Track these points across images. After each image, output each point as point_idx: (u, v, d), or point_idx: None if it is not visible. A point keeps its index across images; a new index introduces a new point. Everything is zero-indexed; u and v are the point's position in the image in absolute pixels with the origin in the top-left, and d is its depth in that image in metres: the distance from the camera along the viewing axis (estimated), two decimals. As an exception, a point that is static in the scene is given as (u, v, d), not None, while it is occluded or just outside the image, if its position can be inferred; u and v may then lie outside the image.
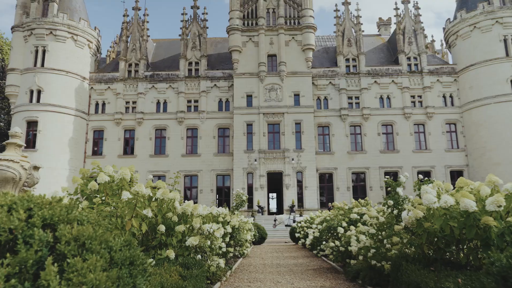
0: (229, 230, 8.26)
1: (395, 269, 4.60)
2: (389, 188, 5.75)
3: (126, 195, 3.95)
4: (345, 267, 8.43)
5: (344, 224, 8.71)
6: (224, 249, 7.90)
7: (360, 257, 6.61)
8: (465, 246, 3.89)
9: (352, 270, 7.37)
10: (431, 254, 4.30)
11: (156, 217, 4.64)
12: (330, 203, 34.21)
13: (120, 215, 3.87)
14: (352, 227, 8.02)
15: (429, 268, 4.12)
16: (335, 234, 9.32)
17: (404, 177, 5.53)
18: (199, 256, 5.14)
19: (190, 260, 4.62)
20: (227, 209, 10.11)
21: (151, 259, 4.13)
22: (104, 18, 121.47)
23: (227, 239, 8.47)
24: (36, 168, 4.09)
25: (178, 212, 5.03)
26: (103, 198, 4.05)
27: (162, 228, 4.71)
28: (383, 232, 5.72)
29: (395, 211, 5.39)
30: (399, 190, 5.47)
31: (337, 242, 8.72)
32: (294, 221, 24.39)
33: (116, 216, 3.85)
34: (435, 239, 3.97)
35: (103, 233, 1.75)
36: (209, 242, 5.34)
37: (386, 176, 6.29)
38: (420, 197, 4.28)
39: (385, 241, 5.51)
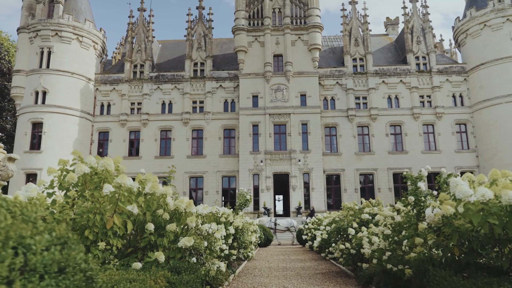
0: (232, 231, 7.76)
1: (419, 275, 4.03)
2: (408, 183, 5.21)
3: (108, 188, 3.47)
4: (356, 271, 7.89)
5: (355, 225, 8.18)
6: (226, 252, 7.42)
7: (374, 261, 6.08)
8: (506, 248, 3.35)
9: (364, 275, 6.83)
10: (461, 257, 3.75)
11: (144, 214, 4.15)
12: (312, 205, 33.25)
13: (99, 212, 3.41)
14: (363, 228, 7.49)
15: (462, 274, 3.57)
16: (345, 235, 8.79)
17: (425, 170, 5.00)
18: (194, 259, 4.63)
19: (181, 263, 4.07)
20: (231, 209, 9.61)
21: (138, 263, 3.65)
22: (110, 22, 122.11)
23: (230, 241, 7.98)
24: (11, 159, 3.66)
25: (170, 209, 4.52)
26: (85, 192, 3.59)
27: (150, 226, 4.17)
28: (402, 232, 5.18)
29: (416, 209, 4.84)
30: (421, 184, 4.92)
31: (348, 244, 8.18)
32: (275, 224, 23.93)
33: (95, 212, 3.38)
34: (468, 240, 3.43)
35: (13, 224, 1.24)
36: (206, 243, 4.81)
37: (405, 170, 5.70)
38: (445, 192, 3.76)
39: (404, 242, 4.96)
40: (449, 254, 3.78)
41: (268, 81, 37.27)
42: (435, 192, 4.88)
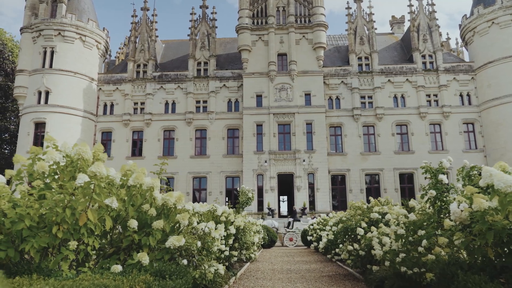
0: (233, 231, 7.32)
1: (444, 280, 3.53)
2: (427, 176, 4.73)
3: (82, 178, 3.03)
4: (366, 274, 7.42)
5: (364, 224, 7.71)
6: (226, 253, 6.98)
7: (387, 263, 5.62)
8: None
9: (375, 278, 6.35)
10: (495, 260, 3.26)
11: (127, 209, 3.68)
12: (294, 207, 32.09)
13: (70, 205, 2.96)
14: (373, 228, 7.01)
15: (499, 280, 3.10)
16: (352, 236, 8.32)
17: (447, 161, 4.53)
18: (184, 261, 4.16)
19: (167, 266, 3.53)
20: (231, 208, 9.17)
21: (118, 265, 3.20)
22: (114, 23, 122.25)
23: (231, 241, 7.53)
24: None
25: (158, 204, 4.00)
26: (54, 182, 3.15)
27: (133, 223, 3.66)
28: (418, 232, 4.71)
29: (437, 205, 4.35)
30: (443, 177, 4.44)
31: (356, 245, 7.71)
32: None
33: (65, 206, 2.94)
34: (505, 239, 2.94)
35: None
36: (199, 243, 4.33)
37: (425, 171, 5.13)
38: (473, 185, 3.32)
39: (423, 242, 4.48)
40: (482, 256, 3.28)
41: (272, 80, 36.84)
42: (459, 185, 4.40)
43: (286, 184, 36.39)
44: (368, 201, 9.85)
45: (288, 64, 37.24)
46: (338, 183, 36.15)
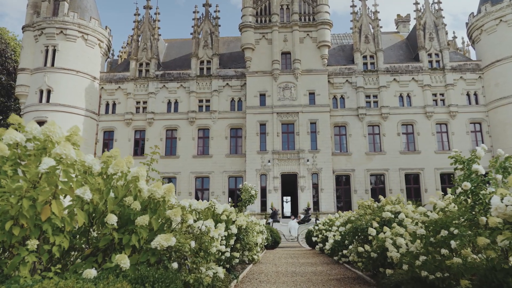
0: (235, 231, 6.84)
1: (487, 288, 3.03)
2: (457, 167, 4.22)
3: (47, 163, 2.50)
4: (377, 278, 6.91)
5: (376, 224, 7.19)
6: (227, 254, 6.49)
7: (405, 266, 5.11)
8: None
9: (389, 282, 5.82)
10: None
11: (106, 202, 3.14)
12: (274, 207, 30.92)
13: (29, 195, 2.45)
14: (386, 228, 6.50)
15: None
16: (362, 236, 7.81)
17: (481, 149, 4.03)
18: (175, 265, 3.63)
19: (151, 271, 2.94)
20: (233, 206, 8.68)
21: (92, 270, 2.69)
22: (117, 24, 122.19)
23: (232, 242, 7.04)
24: None
25: (144, 197, 3.40)
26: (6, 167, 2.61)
27: (112, 219, 3.05)
28: (442, 232, 4.19)
29: (471, 199, 3.82)
30: (478, 167, 3.90)
31: (367, 247, 7.20)
32: None
33: (22, 196, 2.43)
34: None
35: None
36: (193, 244, 3.79)
37: (455, 161, 4.56)
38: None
39: (452, 243, 3.95)
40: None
41: (275, 79, 36.35)
42: (499, 177, 3.87)
43: (289, 184, 35.87)
44: (377, 201, 9.34)
45: (292, 63, 36.74)
46: (343, 183, 35.59)
